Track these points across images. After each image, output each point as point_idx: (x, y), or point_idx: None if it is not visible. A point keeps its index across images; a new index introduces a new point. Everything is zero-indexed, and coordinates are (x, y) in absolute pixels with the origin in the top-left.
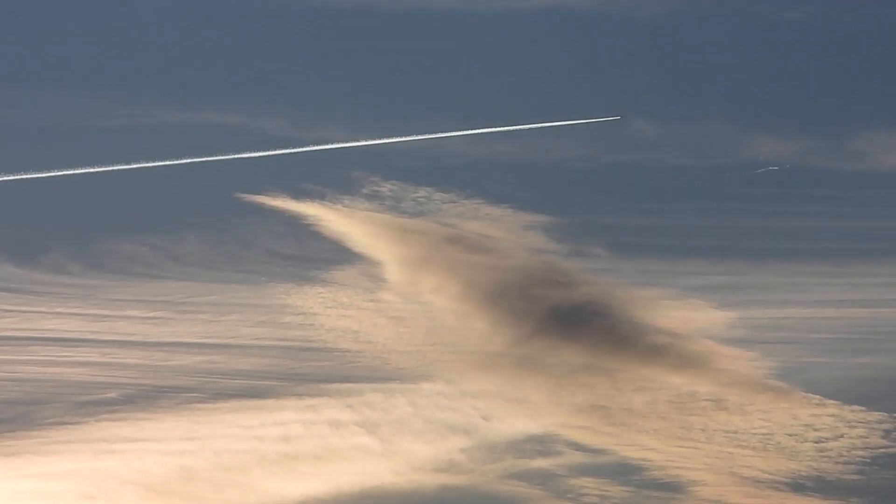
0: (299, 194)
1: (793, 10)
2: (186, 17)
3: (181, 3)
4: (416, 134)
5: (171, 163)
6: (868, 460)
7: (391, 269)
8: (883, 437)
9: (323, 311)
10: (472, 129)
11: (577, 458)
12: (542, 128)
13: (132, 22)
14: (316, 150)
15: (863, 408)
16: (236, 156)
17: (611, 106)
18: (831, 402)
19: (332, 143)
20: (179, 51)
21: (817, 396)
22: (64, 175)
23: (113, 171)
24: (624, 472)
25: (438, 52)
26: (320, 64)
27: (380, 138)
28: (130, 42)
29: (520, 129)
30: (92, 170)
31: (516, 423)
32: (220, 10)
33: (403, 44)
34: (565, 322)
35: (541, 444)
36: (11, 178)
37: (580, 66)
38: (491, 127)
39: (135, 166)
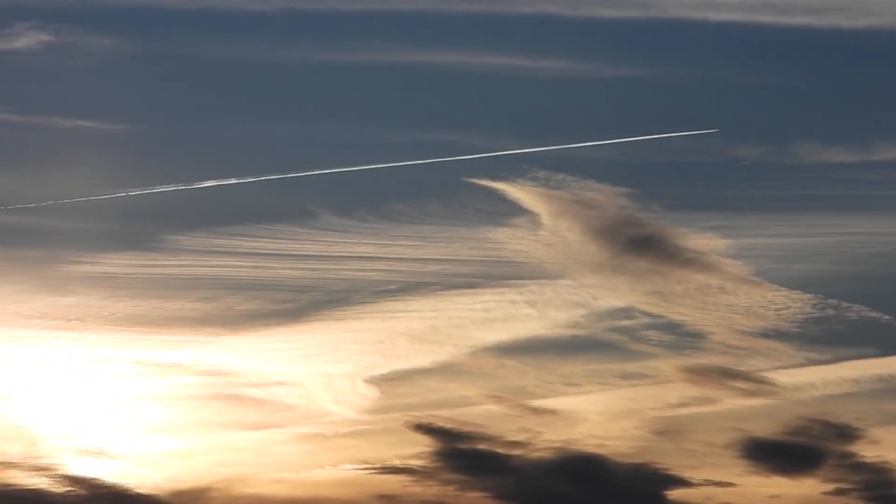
0: (494, 178)
1: None
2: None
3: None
4: (558, 144)
5: (420, 162)
6: (804, 320)
7: (544, 218)
8: (811, 308)
9: (507, 240)
10: (590, 142)
11: (645, 320)
12: (635, 140)
13: None
14: (503, 154)
15: (802, 292)
16: (460, 157)
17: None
18: (784, 288)
19: (510, 150)
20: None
21: (776, 286)
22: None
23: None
24: (670, 327)
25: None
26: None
27: (536, 147)
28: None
29: (616, 142)
30: (372, 166)
31: (612, 301)
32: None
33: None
34: (638, 245)
35: (625, 312)
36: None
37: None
38: (597, 140)
39: (388, 165)
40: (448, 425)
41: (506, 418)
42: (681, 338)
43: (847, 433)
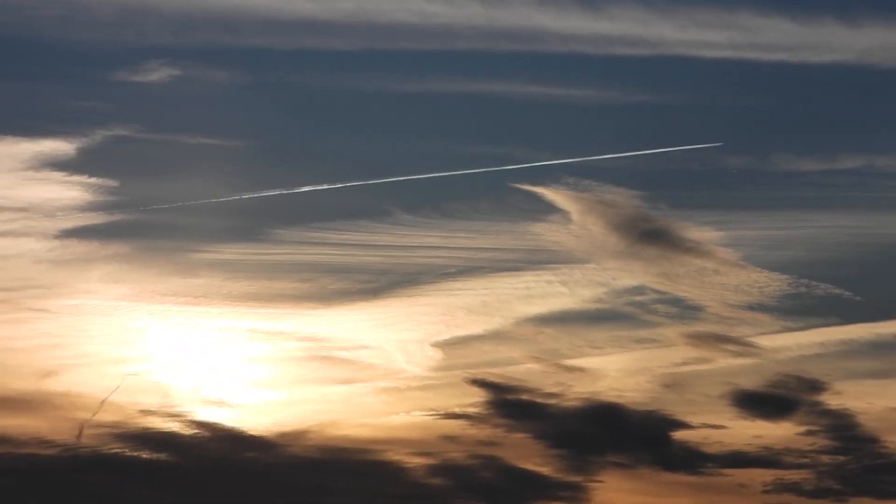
0: (533, 183)
1: None
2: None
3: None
4: (585, 157)
5: (474, 171)
6: (780, 295)
7: (574, 215)
8: (787, 287)
9: (544, 233)
10: (611, 155)
11: (655, 296)
12: (649, 153)
13: None
14: (541, 164)
15: (780, 273)
16: (506, 167)
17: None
18: (765, 271)
19: (546, 161)
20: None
21: (759, 268)
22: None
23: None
24: (675, 301)
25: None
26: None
27: (567, 159)
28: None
29: (631, 155)
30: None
31: (627, 281)
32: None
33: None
34: (649, 237)
35: (639, 290)
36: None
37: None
38: (616, 153)
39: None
40: (497, 380)
41: (544, 375)
42: (683, 310)
43: (816, 386)
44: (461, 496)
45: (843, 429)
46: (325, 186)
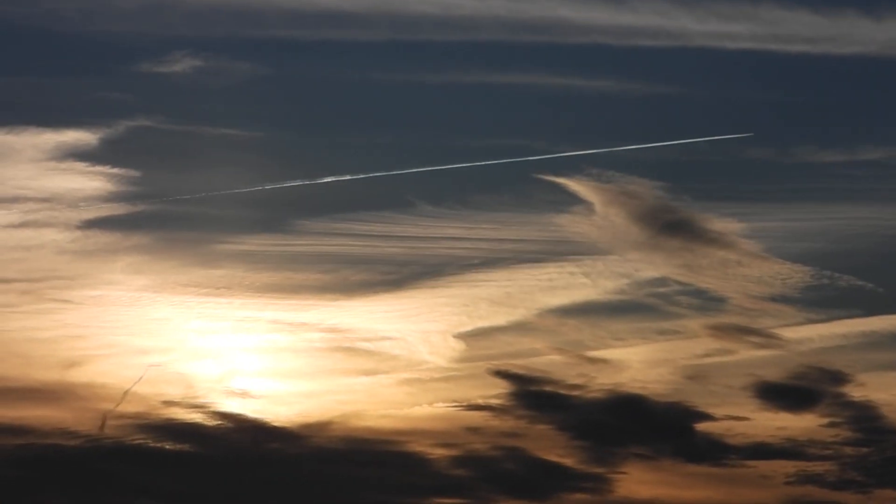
0: (556, 174)
1: None
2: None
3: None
4: (607, 147)
5: (497, 161)
6: (803, 286)
7: (597, 206)
8: (810, 278)
9: (567, 224)
10: (633, 146)
11: (677, 287)
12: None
13: None
14: (564, 155)
15: (802, 265)
16: (529, 158)
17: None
18: (788, 262)
19: (569, 152)
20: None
21: (781, 259)
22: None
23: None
24: (698, 293)
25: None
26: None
27: (590, 150)
28: None
29: (653, 146)
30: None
31: (650, 272)
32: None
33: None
34: (671, 228)
35: (661, 281)
36: None
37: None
38: (638, 144)
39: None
40: (520, 371)
41: (566, 366)
42: (706, 301)
43: (839, 378)
44: (484, 487)
45: (866, 420)
46: (348, 177)
